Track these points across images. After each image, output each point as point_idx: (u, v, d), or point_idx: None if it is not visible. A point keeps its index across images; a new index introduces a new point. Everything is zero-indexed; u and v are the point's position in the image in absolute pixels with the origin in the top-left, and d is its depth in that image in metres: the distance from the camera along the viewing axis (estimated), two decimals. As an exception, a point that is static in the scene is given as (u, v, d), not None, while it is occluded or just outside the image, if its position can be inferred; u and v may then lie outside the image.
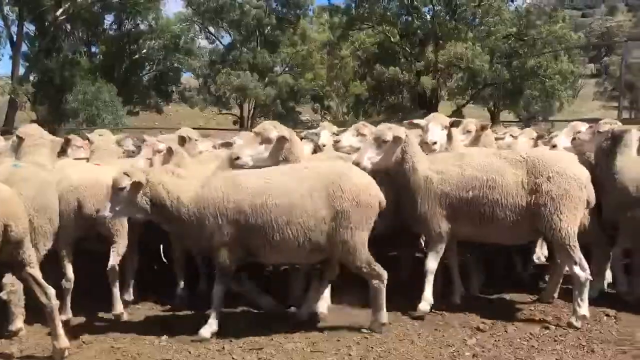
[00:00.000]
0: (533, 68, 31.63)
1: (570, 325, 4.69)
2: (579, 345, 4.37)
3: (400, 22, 35.29)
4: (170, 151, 5.64)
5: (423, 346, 4.35)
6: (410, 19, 35.28)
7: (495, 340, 4.46)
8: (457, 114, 35.73)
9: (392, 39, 34.93)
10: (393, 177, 5.10)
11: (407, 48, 35.27)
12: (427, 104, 35.31)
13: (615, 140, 5.37)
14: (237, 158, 4.98)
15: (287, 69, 41.09)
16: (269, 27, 39.03)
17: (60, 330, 4.07)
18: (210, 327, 4.49)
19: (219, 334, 4.50)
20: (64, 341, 4.07)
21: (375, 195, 4.61)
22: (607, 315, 5.02)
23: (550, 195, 4.76)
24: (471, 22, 35.16)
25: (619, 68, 43.27)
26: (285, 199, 4.41)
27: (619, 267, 5.51)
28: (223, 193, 4.45)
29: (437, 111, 35.95)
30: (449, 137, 5.56)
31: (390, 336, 4.54)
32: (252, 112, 39.07)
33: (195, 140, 7.14)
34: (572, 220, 4.80)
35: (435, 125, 5.50)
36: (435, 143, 5.38)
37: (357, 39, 35.75)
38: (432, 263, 5.08)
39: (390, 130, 4.99)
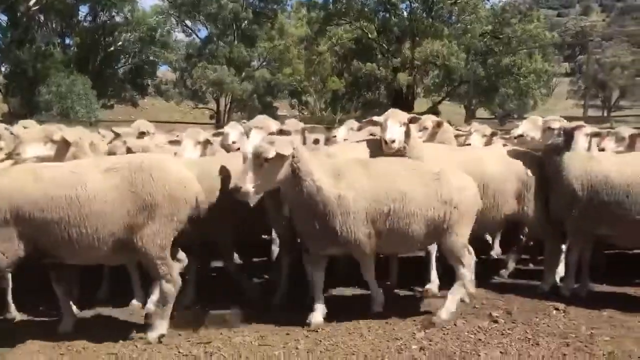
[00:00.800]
0: (508, 66, 32.04)
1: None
2: (525, 338, 4.43)
3: (377, 18, 35.40)
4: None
5: (371, 339, 4.36)
6: (387, 15, 35.44)
7: (444, 334, 4.49)
8: (433, 111, 36.08)
9: (369, 35, 35.01)
10: (290, 198, 4.61)
11: (384, 44, 35.40)
12: (403, 101, 35.55)
13: (566, 137, 5.45)
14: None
15: (264, 63, 40.92)
16: (246, 21, 38.79)
17: None
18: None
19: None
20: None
21: (190, 189, 4.37)
22: (557, 309, 5.09)
23: (452, 207, 4.73)
24: (448, 19, 35.44)
25: (591, 67, 44.10)
26: (88, 191, 4.09)
27: (572, 267, 5.55)
28: (18, 184, 4.08)
29: (413, 108, 36.30)
30: (407, 134, 5.54)
31: (340, 329, 4.55)
32: (228, 106, 38.83)
33: (152, 133, 7.09)
34: (467, 230, 4.88)
35: (394, 122, 5.35)
36: (394, 141, 5.27)
37: (335, 35, 35.76)
38: (369, 275, 4.95)
39: (272, 146, 4.33)
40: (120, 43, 40.37)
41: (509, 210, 5.59)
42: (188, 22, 42.08)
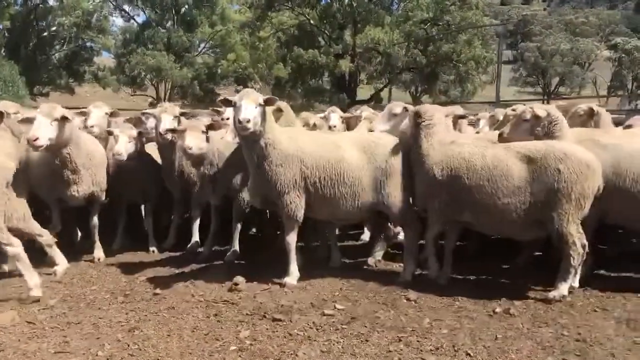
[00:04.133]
0: (447, 53, 32.10)
1: None
2: (357, 334, 4.13)
3: (319, 4, 34.91)
4: None
5: (189, 341, 3.99)
6: (329, 1, 35.01)
7: (273, 332, 4.16)
8: (376, 97, 36.03)
9: (311, 22, 34.51)
10: None
11: (326, 31, 34.97)
12: (346, 87, 35.36)
13: (414, 122, 5.22)
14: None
15: (206, 49, 39.98)
16: (185, 6, 37.70)
17: None
18: None
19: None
20: None
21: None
22: (408, 299, 4.85)
23: None
24: (389, 6, 35.33)
25: (533, 54, 44.88)
26: None
27: (431, 252, 5.36)
28: None
29: (356, 94, 36.07)
30: (264, 116, 5.18)
31: (161, 331, 4.16)
32: (168, 93, 37.79)
33: (15, 113, 6.57)
34: None
35: (249, 102, 5.05)
36: (248, 121, 4.93)
37: (277, 21, 35.14)
38: None
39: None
40: (54, 28, 38.79)
41: (366, 198, 5.32)
42: (126, 7, 40.63)
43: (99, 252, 6.11)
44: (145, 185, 6.36)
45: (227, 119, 6.32)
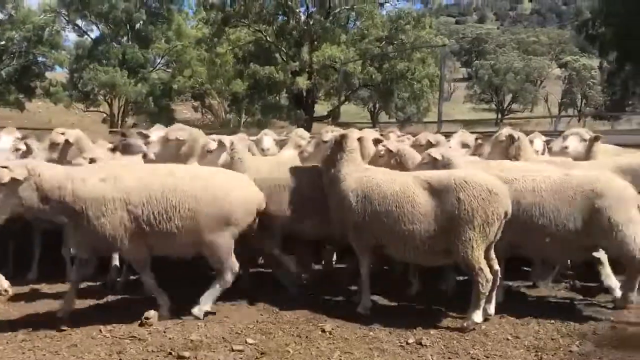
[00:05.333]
0: (402, 71, 32.60)
1: None
2: (263, 370, 4.04)
3: (276, 21, 35.03)
4: None
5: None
6: (286, 19, 35.17)
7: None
8: (334, 114, 36.24)
9: (268, 38, 34.57)
10: None
11: (283, 48, 35.07)
12: (303, 104, 35.43)
13: (338, 146, 5.21)
14: None
15: (162, 65, 39.54)
16: (140, 22, 37.22)
17: None
18: None
19: None
20: None
21: None
22: (323, 330, 4.75)
23: None
24: (345, 24, 35.74)
25: (487, 72, 46.02)
26: None
27: (366, 287, 5.23)
28: None
29: (313, 111, 36.20)
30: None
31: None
32: (122, 109, 37.11)
33: None
34: None
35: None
36: None
37: (235, 37, 35.10)
38: None
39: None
40: (2, 42, 37.77)
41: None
42: (79, 22, 39.85)
43: (2, 283, 5.78)
44: None
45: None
